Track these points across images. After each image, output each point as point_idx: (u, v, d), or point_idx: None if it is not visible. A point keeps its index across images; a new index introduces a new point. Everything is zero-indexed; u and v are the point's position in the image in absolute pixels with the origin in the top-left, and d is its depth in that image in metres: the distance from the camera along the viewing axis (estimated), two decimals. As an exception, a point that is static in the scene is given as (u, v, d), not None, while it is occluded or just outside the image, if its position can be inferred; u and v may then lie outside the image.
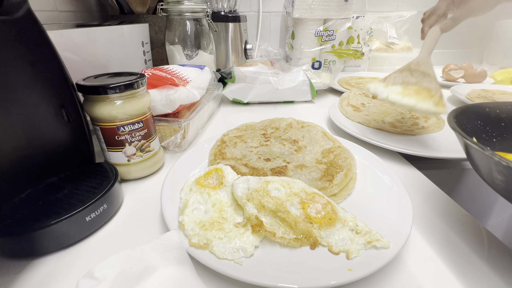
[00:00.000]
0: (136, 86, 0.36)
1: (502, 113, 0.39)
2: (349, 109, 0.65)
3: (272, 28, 1.16)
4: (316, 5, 0.87)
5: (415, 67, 0.50)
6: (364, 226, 0.29)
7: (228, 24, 0.86)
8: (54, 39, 0.32)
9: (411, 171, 0.44)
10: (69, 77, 0.34)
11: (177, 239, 0.27)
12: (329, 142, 0.46)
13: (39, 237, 0.27)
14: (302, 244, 0.28)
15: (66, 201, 0.30)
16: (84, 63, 0.50)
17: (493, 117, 0.39)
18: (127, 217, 0.34)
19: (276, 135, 0.50)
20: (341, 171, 0.37)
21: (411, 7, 1.18)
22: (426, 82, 0.47)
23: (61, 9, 0.68)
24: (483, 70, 0.94)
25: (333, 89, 0.89)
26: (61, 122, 0.35)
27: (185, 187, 0.34)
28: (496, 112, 0.39)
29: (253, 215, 0.29)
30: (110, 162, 0.39)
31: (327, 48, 0.95)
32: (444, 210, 0.36)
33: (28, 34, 0.30)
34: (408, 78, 0.49)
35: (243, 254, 0.26)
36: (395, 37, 1.14)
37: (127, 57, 0.60)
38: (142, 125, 0.38)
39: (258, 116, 0.67)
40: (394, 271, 0.27)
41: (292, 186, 0.32)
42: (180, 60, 0.71)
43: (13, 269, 0.27)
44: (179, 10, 0.66)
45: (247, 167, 0.40)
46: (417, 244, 0.30)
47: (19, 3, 0.28)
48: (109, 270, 0.23)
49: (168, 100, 0.46)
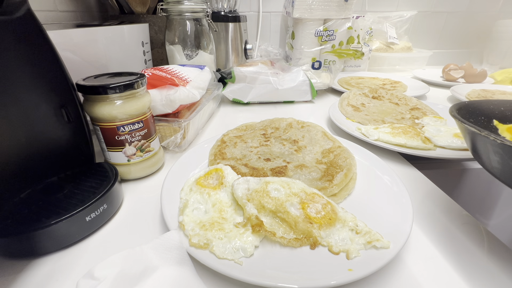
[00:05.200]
0: (136, 86, 0.36)
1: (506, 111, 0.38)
2: (349, 109, 0.65)
3: (272, 28, 1.16)
4: (316, 5, 0.87)
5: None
6: (364, 226, 0.29)
7: (228, 24, 0.86)
8: (54, 39, 0.32)
9: (411, 171, 0.44)
10: (69, 77, 0.34)
11: (177, 239, 0.27)
12: (329, 142, 0.46)
13: (39, 237, 0.27)
14: (302, 244, 0.28)
15: (66, 201, 0.30)
16: (84, 63, 0.50)
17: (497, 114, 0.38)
18: (127, 217, 0.34)
19: (276, 135, 0.50)
20: (341, 171, 0.37)
21: (411, 7, 1.18)
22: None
23: (61, 9, 0.68)
24: (483, 70, 0.94)
25: (333, 89, 0.89)
26: (61, 122, 0.35)
27: (185, 187, 0.34)
28: (500, 109, 0.38)
29: (253, 215, 0.29)
30: (110, 162, 0.39)
31: (327, 48, 0.95)
32: (444, 210, 0.36)
33: (28, 34, 0.30)
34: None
35: (243, 254, 0.26)
36: (395, 37, 1.14)
37: (127, 57, 0.60)
38: (142, 125, 0.38)
39: (258, 116, 0.67)
40: (394, 271, 0.27)
41: (292, 187, 0.32)
42: (180, 60, 0.71)
43: (13, 269, 0.27)
44: (179, 10, 0.66)
45: (247, 167, 0.40)
46: (417, 244, 0.30)
47: (19, 3, 0.28)
48: (109, 270, 0.23)
49: (168, 100, 0.46)
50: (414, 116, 0.62)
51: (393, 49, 1.16)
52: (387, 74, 1.04)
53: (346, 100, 0.69)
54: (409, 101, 0.70)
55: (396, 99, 0.72)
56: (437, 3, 1.19)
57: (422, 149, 0.47)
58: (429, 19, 1.22)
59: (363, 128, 0.53)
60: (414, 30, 1.22)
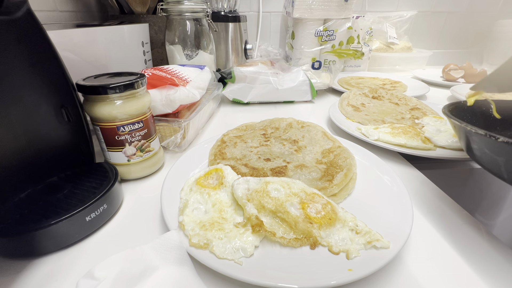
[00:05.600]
0: (136, 86, 0.36)
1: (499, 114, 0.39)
2: (349, 109, 0.65)
3: (272, 28, 1.16)
4: (316, 5, 0.87)
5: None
6: (364, 226, 0.29)
7: (228, 24, 0.86)
8: (54, 39, 0.32)
9: (411, 171, 0.44)
10: (69, 77, 0.34)
11: (177, 239, 0.27)
12: (329, 142, 0.46)
13: (39, 237, 0.27)
14: (302, 244, 0.28)
15: (66, 201, 0.30)
16: (84, 63, 0.50)
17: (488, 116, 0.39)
18: (127, 217, 0.34)
19: (276, 135, 0.50)
20: (341, 171, 0.37)
21: (411, 7, 1.18)
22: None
23: (61, 9, 0.68)
24: (483, 70, 0.94)
25: (333, 89, 0.89)
26: (61, 122, 0.35)
27: (185, 187, 0.34)
28: (490, 112, 0.39)
29: (253, 215, 0.29)
30: (110, 162, 0.39)
31: (327, 48, 0.95)
32: (444, 210, 0.36)
33: (28, 34, 0.30)
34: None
35: (243, 254, 0.26)
36: (395, 37, 1.14)
37: (127, 57, 0.60)
38: (142, 125, 0.38)
39: (258, 116, 0.67)
40: (394, 271, 0.27)
41: (292, 187, 0.32)
42: (180, 60, 0.71)
43: (13, 269, 0.27)
44: (179, 10, 0.66)
45: (247, 167, 0.40)
46: (417, 244, 0.30)
47: (19, 3, 0.28)
48: (109, 270, 0.23)
49: (168, 100, 0.46)
50: (414, 116, 0.62)
51: (393, 49, 1.16)
52: (387, 74, 1.04)
53: (346, 100, 0.69)
54: (409, 101, 0.70)
55: (396, 99, 0.72)
56: (437, 3, 1.19)
57: (422, 149, 0.47)
58: (429, 19, 1.22)
59: (363, 128, 0.53)
60: (414, 30, 1.22)
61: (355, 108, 0.66)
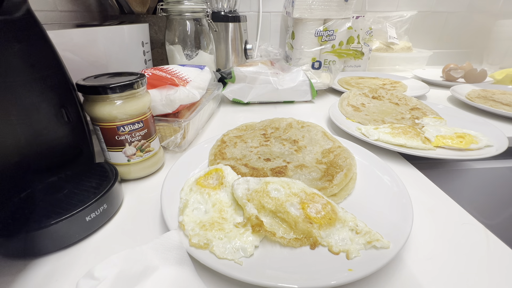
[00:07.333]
0: (136, 86, 0.36)
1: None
2: (349, 109, 0.65)
3: (272, 28, 1.16)
4: (316, 5, 0.87)
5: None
6: (364, 226, 0.29)
7: (228, 24, 0.86)
8: (54, 39, 0.32)
9: (411, 171, 0.44)
10: (69, 77, 0.34)
11: (177, 239, 0.27)
12: (329, 142, 0.46)
13: (39, 237, 0.27)
14: (302, 244, 0.28)
15: (66, 201, 0.30)
16: (84, 63, 0.50)
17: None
18: (127, 217, 0.34)
19: (276, 135, 0.50)
20: (341, 171, 0.37)
21: (411, 7, 1.18)
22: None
23: (61, 9, 0.68)
24: (483, 70, 0.94)
25: (333, 89, 0.89)
26: (61, 122, 0.35)
27: (185, 187, 0.34)
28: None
29: (253, 215, 0.29)
30: (110, 162, 0.39)
31: (327, 48, 0.95)
32: (444, 210, 0.36)
33: (28, 34, 0.30)
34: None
35: (243, 254, 0.26)
36: (395, 37, 1.14)
37: (127, 57, 0.60)
38: (142, 125, 0.38)
39: (258, 116, 0.67)
40: (394, 271, 0.27)
41: (292, 187, 0.32)
42: (180, 60, 0.71)
43: (13, 269, 0.27)
44: (179, 10, 0.66)
45: (247, 167, 0.40)
46: (417, 244, 0.30)
47: (19, 3, 0.28)
48: (109, 270, 0.23)
49: (168, 100, 0.46)
50: (414, 116, 0.62)
51: (393, 49, 1.16)
52: (387, 74, 1.04)
53: (346, 100, 0.69)
54: (409, 101, 0.70)
55: (396, 99, 0.72)
56: (437, 3, 1.19)
57: (422, 149, 0.47)
58: (429, 19, 1.22)
59: (363, 128, 0.53)
60: (414, 30, 1.22)
61: (355, 108, 0.66)
